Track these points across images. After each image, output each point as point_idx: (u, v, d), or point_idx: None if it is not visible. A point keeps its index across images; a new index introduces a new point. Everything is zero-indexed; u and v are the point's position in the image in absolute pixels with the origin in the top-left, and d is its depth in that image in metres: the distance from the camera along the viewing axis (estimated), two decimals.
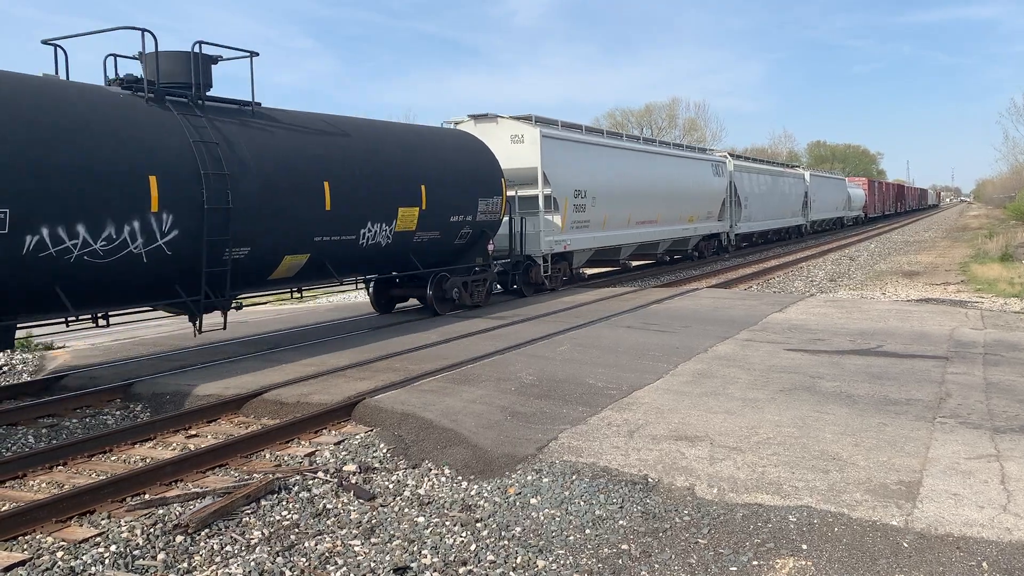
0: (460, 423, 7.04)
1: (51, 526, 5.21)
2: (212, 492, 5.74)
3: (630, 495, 5.55)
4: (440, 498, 5.76)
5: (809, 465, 5.92)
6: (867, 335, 11.23)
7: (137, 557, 4.81)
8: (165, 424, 7.60)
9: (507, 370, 9.11)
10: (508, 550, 4.86)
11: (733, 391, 8.08)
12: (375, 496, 5.81)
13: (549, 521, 5.26)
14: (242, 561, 4.78)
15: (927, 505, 5.15)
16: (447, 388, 8.27)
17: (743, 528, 5.00)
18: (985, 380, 8.43)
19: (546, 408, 7.53)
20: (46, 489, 6.12)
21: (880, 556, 4.55)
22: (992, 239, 35.17)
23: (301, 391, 8.32)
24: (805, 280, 23.06)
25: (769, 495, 5.41)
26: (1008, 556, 4.49)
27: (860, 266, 27.51)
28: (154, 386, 8.98)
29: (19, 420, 7.98)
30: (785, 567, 4.49)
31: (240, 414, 8.08)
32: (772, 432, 6.70)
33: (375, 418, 7.46)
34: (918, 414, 7.16)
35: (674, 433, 6.72)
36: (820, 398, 7.76)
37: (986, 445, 6.27)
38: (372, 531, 5.22)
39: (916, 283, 21.33)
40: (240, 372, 9.41)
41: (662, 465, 6.00)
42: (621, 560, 4.68)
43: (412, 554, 4.86)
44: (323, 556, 4.84)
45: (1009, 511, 5.04)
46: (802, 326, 12.11)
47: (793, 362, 9.46)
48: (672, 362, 9.53)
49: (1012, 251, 29.00)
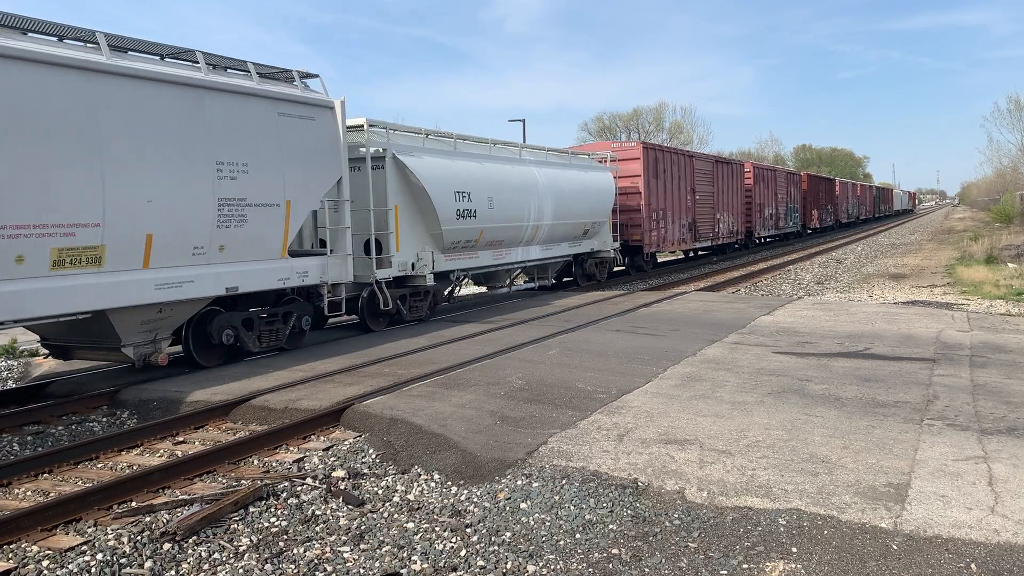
0: (449, 428, 7.02)
1: (36, 534, 5.16)
2: (200, 499, 5.70)
3: (620, 499, 5.55)
4: (430, 503, 5.74)
5: (798, 468, 5.93)
6: (855, 338, 11.28)
7: (124, 565, 4.76)
8: (152, 431, 7.55)
9: (496, 374, 9.10)
10: (498, 555, 4.85)
11: (722, 394, 8.10)
12: (364, 502, 5.78)
13: (539, 526, 5.25)
14: (230, 568, 4.74)
15: (916, 507, 5.17)
16: (436, 393, 8.25)
17: (733, 531, 5.00)
18: (972, 382, 8.47)
19: (536, 412, 7.52)
20: (31, 497, 6.06)
21: (869, 558, 4.56)
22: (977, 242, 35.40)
23: (289, 396, 8.28)
24: (792, 283, 23.16)
25: (759, 498, 5.42)
26: (996, 557, 4.51)
27: (847, 269, 27.64)
28: (141, 392, 8.91)
29: (4, 427, 7.91)
30: (775, 570, 4.49)
31: (228, 420, 8.03)
32: (761, 435, 6.71)
33: (364, 423, 7.43)
34: (906, 416, 7.19)
35: (663, 437, 6.73)
36: (809, 401, 7.78)
37: (973, 447, 6.30)
38: (361, 537, 5.20)
39: (903, 286, 21.46)
40: (228, 378, 9.35)
41: (652, 469, 6.00)
42: (611, 564, 4.67)
43: (402, 560, 4.84)
44: (312, 563, 4.81)
45: (997, 513, 5.06)
46: (790, 329, 12.15)
47: (781, 365, 9.48)
48: (661, 366, 9.54)
49: (997, 253, 29.21)
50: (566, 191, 17.86)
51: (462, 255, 14.96)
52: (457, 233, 14.33)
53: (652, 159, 24.41)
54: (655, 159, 24.69)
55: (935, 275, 24.29)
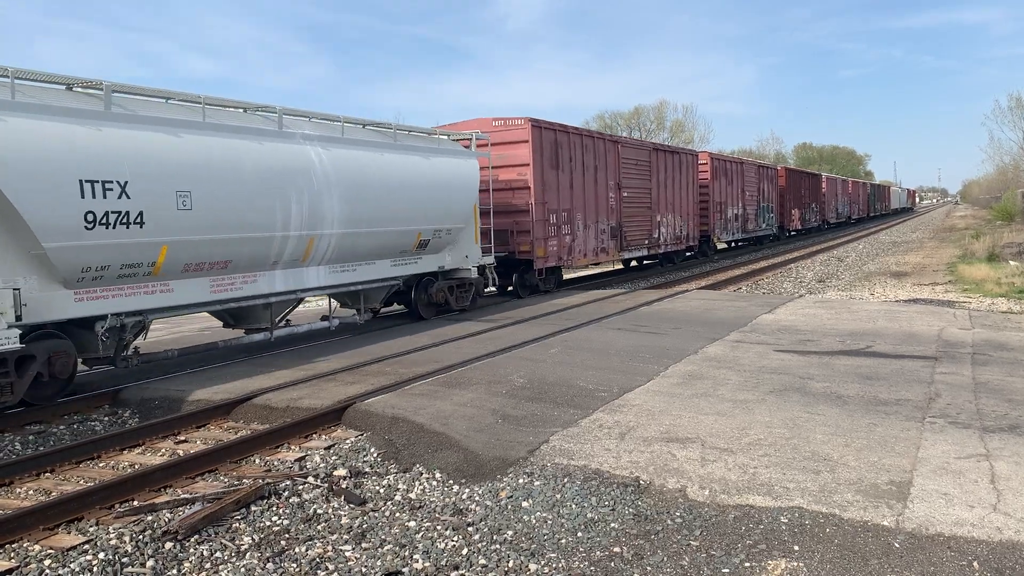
0: (451, 427, 7.02)
1: (38, 534, 5.16)
2: (202, 498, 5.70)
3: (622, 497, 5.54)
4: (431, 502, 5.74)
5: (800, 466, 5.92)
6: (856, 336, 11.27)
7: (126, 564, 4.76)
8: (154, 430, 7.55)
9: (498, 373, 9.09)
10: (500, 554, 4.85)
11: (724, 392, 8.09)
12: (366, 501, 5.78)
13: (541, 524, 5.24)
14: (232, 567, 4.74)
15: (918, 505, 5.17)
16: (438, 391, 8.25)
17: (735, 530, 5.00)
18: (974, 380, 8.46)
19: (537, 411, 7.51)
20: (33, 496, 6.06)
21: (871, 556, 4.55)
22: (979, 240, 35.38)
23: (291, 395, 8.28)
24: (794, 281, 23.14)
25: (760, 496, 5.42)
26: (998, 555, 4.50)
27: (848, 267, 27.63)
28: (142, 391, 8.92)
29: (5, 427, 7.91)
30: (777, 568, 4.49)
31: (230, 419, 8.03)
32: (763, 433, 6.71)
33: (366, 422, 7.43)
34: (908, 414, 7.18)
35: (665, 435, 6.72)
36: (810, 399, 7.77)
37: (975, 445, 6.30)
38: (363, 536, 5.19)
39: (904, 283, 21.44)
40: (229, 377, 9.36)
41: (653, 467, 5.99)
42: (613, 563, 4.67)
43: (403, 559, 4.84)
44: (314, 562, 4.81)
45: (999, 510, 5.06)
46: (791, 327, 12.14)
47: (783, 363, 9.48)
48: (663, 364, 9.53)
49: (998, 251, 29.18)
50: (377, 184, 12.07)
51: (124, 288, 8.85)
52: (93, 253, 8.27)
53: (548, 143, 18.02)
54: (553, 143, 18.22)
55: (937, 273, 24.26)
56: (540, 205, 17.69)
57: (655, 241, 23.98)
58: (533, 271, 17.74)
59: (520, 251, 17.46)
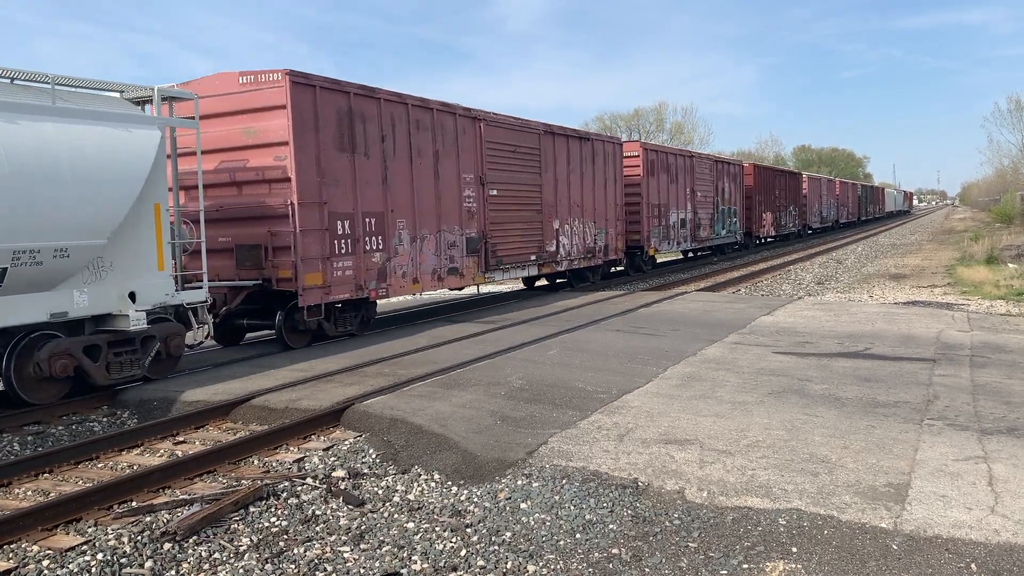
0: (450, 428, 7.02)
1: (37, 534, 5.16)
2: (200, 499, 5.70)
3: (620, 499, 5.55)
4: (430, 503, 5.74)
5: (798, 468, 5.93)
6: (855, 338, 11.28)
7: (124, 565, 4.77)
8: (152, 431, 7.56)
9: (497, 374, 9.10)
10: (498, 555, 4.85)
11: (722, 394, 8.10)
12: (364, 502, 5.78)
13: (539, 526, 5.25)
14: (231, 568, 4.74)
15: (916, 507, 5.17)
16: (437, 393, 8.25)
17: (733, 531, 5.00)
18: (972, 382, 8.47)
19: (536, 412, 7.52)
20: (32, 497, 6.06)
21: (869, 558, 4.56)
22: (977, 242, 35.42)
23: (290, 396, 8.28)
24: (793, 283, 23.15)
25: (759, 498, 5.42)
26: (996, 557, 4.51)
27: (847, 269, 27.65)
28: (141, 392, 8.92)
29: (4, 427, 7.91)
30: (775, 570, 4.49)
31: (228, 420, 8.04)
32: (761, 435, 6.71)
33: (364, 423, 7.43)
34: (906, 416, 7.19)
35: (664, 437, 6.73)
36: (809, 401, 7.78)
37: (974, 447, 6.30)
38: (361, 537, 5.20)
39: (903, 286, 21.46)
40: (228, 378, 9.36)
41: (652, 469, 6.00)
42: (611, 564, 4.68)
43: (402, 560, 4.84)
44: (312, 563, 4.81)
45: (997, 513, 5.06)
46: (790, 329, 12.15)
47: (782, 365, 9.48)
48: (661, 365, 9.54)
49: (997, 254, 29.22)
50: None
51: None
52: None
53: (331, 112, 11.80)
54: (346, 113, 12.06)
55: (935, 275, 24.28)
56: (313, 207, 11.44)
57: (551, 255, 17.99)
58: (300, 310, 11.34)
59: (279, 279, 11.36)
